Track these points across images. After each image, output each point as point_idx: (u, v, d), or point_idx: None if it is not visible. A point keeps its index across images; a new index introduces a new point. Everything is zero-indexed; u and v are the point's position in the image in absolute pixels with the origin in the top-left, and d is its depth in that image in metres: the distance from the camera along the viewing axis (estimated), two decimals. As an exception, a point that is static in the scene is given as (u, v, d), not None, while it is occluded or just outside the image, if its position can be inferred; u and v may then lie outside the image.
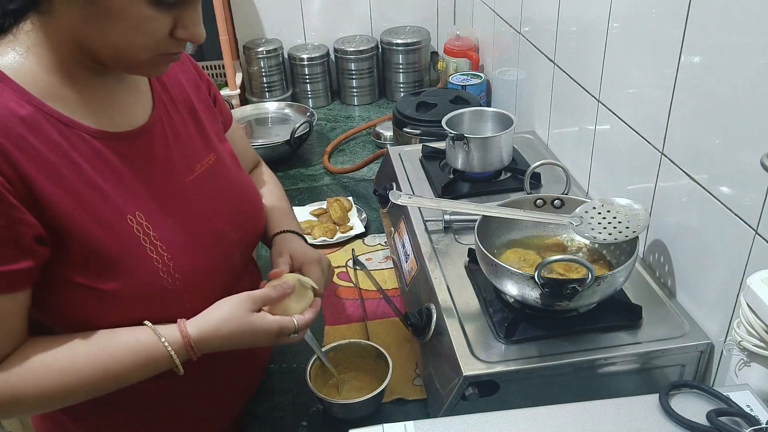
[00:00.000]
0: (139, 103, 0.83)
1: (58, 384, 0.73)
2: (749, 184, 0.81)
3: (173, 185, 0.83)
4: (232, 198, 0.91)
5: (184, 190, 0.84)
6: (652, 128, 1.03)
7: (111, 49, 0.71)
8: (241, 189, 0.94)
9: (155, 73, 0.78)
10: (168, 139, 0.84)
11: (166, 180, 0.83)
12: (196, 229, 0.84)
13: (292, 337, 0.86)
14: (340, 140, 1.92)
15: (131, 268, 0.75)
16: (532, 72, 1.57)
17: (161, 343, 0.77)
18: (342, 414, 0.99)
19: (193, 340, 0.78)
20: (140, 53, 0.72)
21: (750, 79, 0.79)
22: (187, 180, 0.85)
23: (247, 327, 0.81)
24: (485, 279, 0.98)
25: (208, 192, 0.88)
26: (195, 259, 0.82)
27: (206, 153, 0.90)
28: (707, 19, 0.87)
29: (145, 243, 0.77)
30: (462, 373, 0.88)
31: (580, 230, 0.98)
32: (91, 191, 0.73)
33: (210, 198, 0.88)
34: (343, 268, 1.36)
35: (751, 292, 0.69)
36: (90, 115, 0.75)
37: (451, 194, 1.30)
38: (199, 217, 0.85)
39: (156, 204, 0.80)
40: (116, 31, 0.69)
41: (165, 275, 0.78)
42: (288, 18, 2.19)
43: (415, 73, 2.18)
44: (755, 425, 0.64)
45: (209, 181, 0.88)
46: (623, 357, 0.91)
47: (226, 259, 0.88)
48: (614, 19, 1.12)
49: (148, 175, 0.80)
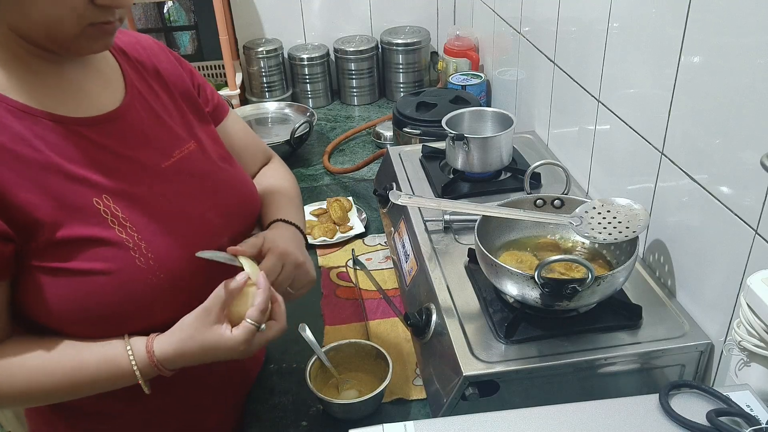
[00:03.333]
0: (108, 90, 0.83)
1: (30, 385, 0.76)
2: (749, 184, 0.81)
3: (146, 169, 0.83)
4: (214, 186, 0.90)
5: (159, 175, 0.84)
6: (652, 128, 1.03)
7: (39, 29, 0.70)
8: (225, 178, 0.92)
9: (96, 47, 0.76)
10: (143, 124, 0.84)
11: (140, 164, 0.82)
12: (170, 212, 0.83)
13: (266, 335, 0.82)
14: (340, 140, 1.92)
15: (102, 249, 0.76)
16: (532, 72, 1.57)
17: (129, 359, 0.78)
18: (342, 414, 0.99)
19: (157, 358, 0.78)
20: (66, 27, 0.70)
21: (750, 79, 0.79)
22: (162, 165, 0.84)
23: (208, 344, 0.79)
24: (485, 279, 0.98)
25: (186, 178, 0.87)
26: (170, 241, 0.81)
27: (186, 140, 0.89)
28: (707, 19, 0.87)
29: (113, 225, 0.77)
30: (462, 373, 0.88)
31: (580, 230, 0.98)
32: (55, 176, 0.74)
33: (188, 184, 0.87)
34: (343, 268, 1.36)
35: (751, 292, 0.69)
36: (52, 102, 0.76)
37: (451, 194, 1.30)
38: (175, 201, 0.84)
39: (126, 187, 0.79)
40: (36, 8, 0.68)
41: (137, 254, 0.77)
42: (288, 18, 2.19)
43: (415, 73, 2.18)
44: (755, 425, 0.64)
45: (188, 168, 0.87)
46: (623, 357, 0.91)
47: (209, 243, 0.85)
48: (614, 19, 1.12)
49: (118, 160, 0.80)
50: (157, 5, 2.20)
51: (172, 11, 2.23)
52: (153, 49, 0.94)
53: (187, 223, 0.84)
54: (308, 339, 1.02)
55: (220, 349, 0.79)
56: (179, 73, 0.95)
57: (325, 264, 1.38)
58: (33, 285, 0.75)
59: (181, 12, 2.23)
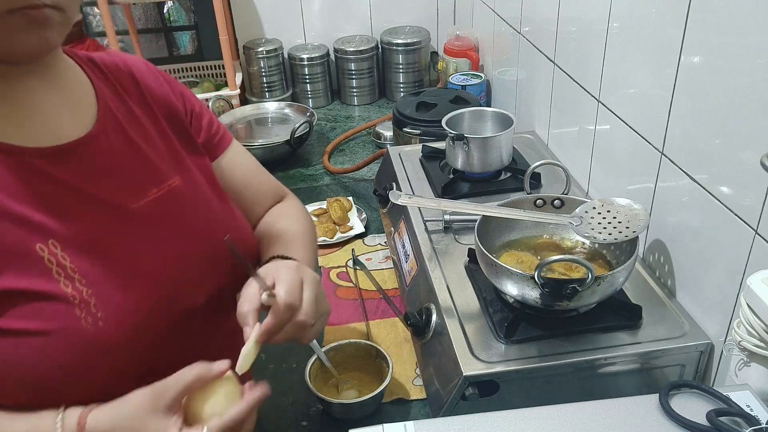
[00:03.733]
0: (75, 114, 0.72)
1: None
2: (749, 184, 0.81)
3: (110, 210, 0.71)
4: (196, 231, 0.77)
5: (126, 217, 0.72)
6: (652, 128, 1.03)
7: None
8: (212, 221, 0.79)
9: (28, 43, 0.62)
10: (114, 156, 0.73)
11: (103, 204, 0.70)
12: (133, 263, 0.71)
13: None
14: (340, 140, 1.92)
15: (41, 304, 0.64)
16: (532, 72, 1.57)
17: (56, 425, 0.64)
18: (342, 414, 0.99)
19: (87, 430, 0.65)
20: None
21: (750, 79, 0.79)
22: (132, 206, 0.72)
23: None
24: (485, 279, 0.98)
25: (160, 221, 0.74)
26: (127, 298, 0.68)
27: (167, 176, 0.77)
28: (707, 19, 0.87)
29: (58, 276, 0.65)
30: (462, 373, 0.88)
31: (580, 230, 0.98)
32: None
33: (163, 228, 0.74)
34: (343, 268, 1.36)
35: (751, 292, 0.69)
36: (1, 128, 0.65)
37: (451, 194, 1.30)
38: (141, 249, 0.72)
39: (80, 231, 0.68)
40: None
41: (83, 313, 0.65)
42: (288, 18, 2.19)
43: (415, 73, 2.18)
44: (755, 425, 0.64)
45: (165, 209, 0.75)
46: (623, 357, 0.91)
47: (178, 298, 0.73)
48: (614, 19, 1.12)
49: (77, 198, 0.68)
50: (157, 5, 2.20)
51: (172, 11, 2.23)
52: (140, 69, 0.83)
53: (153, 276, 0.72)
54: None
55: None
56: (168, 97, 0.84)
57: (325, 264, 1.38)
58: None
59: (181, 12, 2.23)
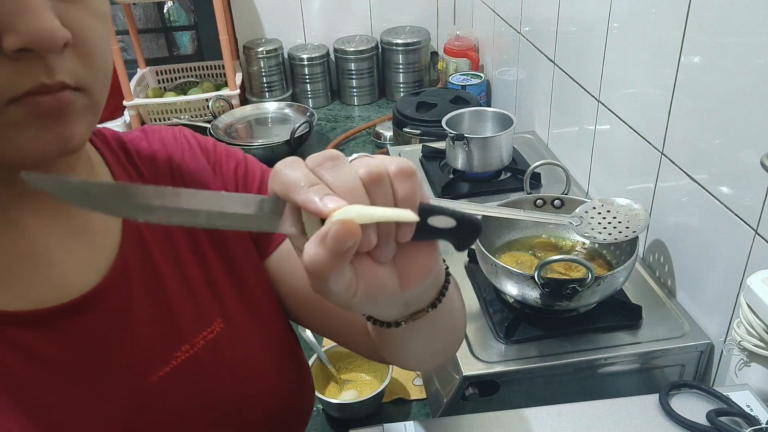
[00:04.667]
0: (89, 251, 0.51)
1: None
2: (749, 184, 0.81)
3: (123, 390, 0.51)
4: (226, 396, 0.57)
5: (141, 395, 0.52)
6: (652, 128, 1.03)
7: None
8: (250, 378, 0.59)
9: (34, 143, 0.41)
10: (133, 309, 0.52)
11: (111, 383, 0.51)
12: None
13: None
14: (340, 140, 1.92)
15: None
16: (532, 72, 1.57)
17: None
18: (342, 414, 0.99)
19: None
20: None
21: (750, 79, 0.79)
22: (151, 379, 0.53)
23: None
24: (485, 279, 0.98)
25: (182, 393, 0.55)
26: None
27: (207, 322, 0.57)
28: (707, 19, 0.87)
29: None
30: (462, 373, 0.88)
31: (580, 230, 0.98)
32: None
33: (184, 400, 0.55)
34: (343, 268, 1.36)
35: (751, 292, 0.69)
36: None
37: (451, 194, 1.30)
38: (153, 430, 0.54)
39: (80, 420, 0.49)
40: None
41: None
42: (288, 18, 2.19)
43: (415, 73, 2.18)
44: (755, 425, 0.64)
45: (193, 372, 0.55)
46: (623, 357, 0.91)
47: None
48: (614, 19, 1.12)
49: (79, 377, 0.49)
50: (157, 5, 2.20)
51: (172, 11, 2.23)
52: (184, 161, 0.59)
53: None
54: (308, 339, 1.02)
55: None
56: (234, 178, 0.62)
57: (325, 264, 1.38)
58: None
59: (181, 12, 2.23)
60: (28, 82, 0.39)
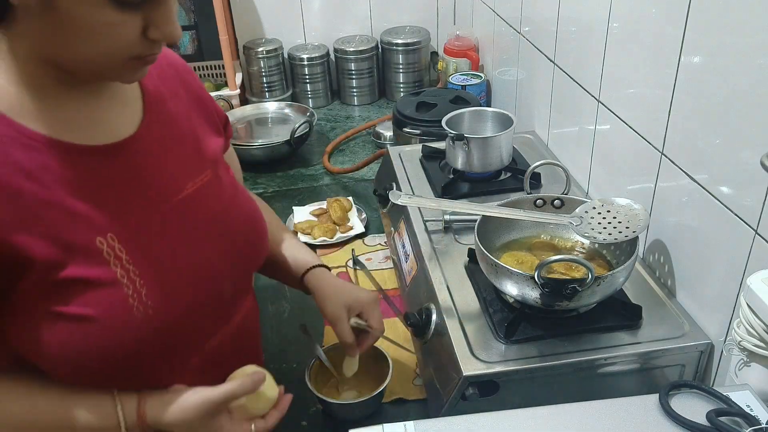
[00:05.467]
0: (123, 116, 0.76)
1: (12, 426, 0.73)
2: (749, 184, 0.81)
3: (158, 205, 0.76)
4: (226, 222, 0.84)
5: (171, 209, 0.77)
6: (652, 128, 1.03)
7: (81, 60, 0.66)
8: (238, 210, 0.87)
9: (132, 78, 0.72)
10: (157, 153, 0.78)
11: (151, 197, 0.76)
12: (177, 254, 0.77)
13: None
14: (340, 140, 1.92)
15: (99, 292, 0.69)
16: (532, 72, 1.57)
17: (119, 419, 0.74)
18: (342, 414, 0.99)
19: (148, 425, 0.75)
20: (112, 60, 0.66)
21: (750, 79, 0.79)
22: (175, 199, 0.78)
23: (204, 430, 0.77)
24: (485, 279, 0.98)
25: (198, 213, 0.80)
26: (171, 289, 0.75)
27: (201, 170, 0.82)
28: (707, 19, 0.87)
29: (115, 267, 0.70)
30: (462, 373, 0.88)
31: (580, 230, 0.98)
32: (57, 213, 0.67)
33: (199, 220, 0.80)
34: (343, 268, 1.36)
35: (751, 292, 0.69)
36: (64, 130, 0.69)
37: (451, 194, 1.30)
38: (183, 240, 0.78)
39: (135, 223, 0.73)
40: (83, 40, 0.63)
41: (135, 302, 0.71)
42: (288, 18, 2.19)
43: (415, 73, 2.18)
44: (755, 425, 0.64)
45: (201, 201, 0.81)
46: (623, 357, 0.91)
47: (211, 289, 0.80)
48: (614, 19, 1.12)
49: (129, 193, 0.74)
50: (157, 5, 2.19)
51: (172, 11, 2.23)
52: (177, 66, 0.87)
53: (192, 269, 0.78)
54: (308, 339, 1.02)
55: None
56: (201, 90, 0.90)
57: (325, 264, 1.38)
58: (22, 325, 0.70)
59: (181, 12, 2.23)
60: (149, 51, 0.68)
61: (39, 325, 0.69)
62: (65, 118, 0.70)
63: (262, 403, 0.81)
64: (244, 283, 0.89)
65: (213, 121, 0.90)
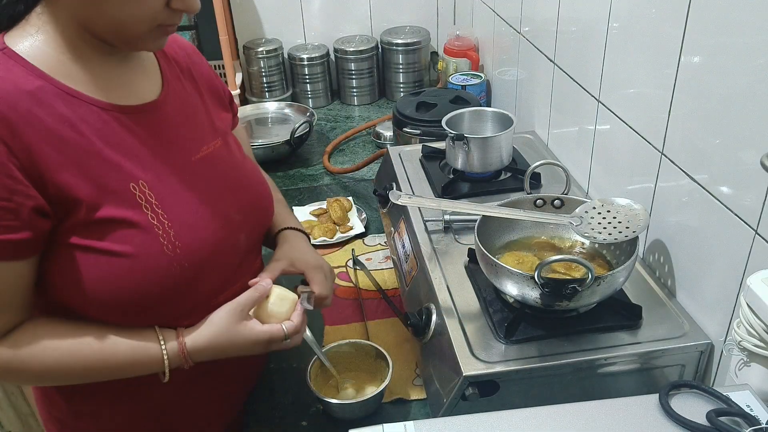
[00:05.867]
0: (148, 83, 0.87)
1: (60, 365, 0.79)
2: (749, 184, 0.81)
3: (179, 160, 0.86)
4: (236, 184, 0.94)
5: (190, 167, 0.87)
6: (652, 128, 1.03)
7: (111, 25, 0.75)
8: (246, 177, 0.97)
9: (154, 46, 0.81)
10: (176, 117, 0.88)
11: (173, 155, 0.85)
12: (198, 203, 0.86)
13: (285, 343, 0.90)
14: (340, 140, 1.92)
15: (133, 231, 0.79)
16: (532, 72, 1.57)
17: (161, 347, 0.83)
18: (342, 414, 0.99)
19: (187, 349, 0.84)
20: (138, 26, 0.76)
21: (750, 79, 0.79)
22: (193, 158, 0.88)
23: (238, 338, 0.86)
24: (485, 279, 0.98)
25: (212, 173, 0.90)
26: (196, 232, 0.84)
27: (212, 138, 0.93)
28: (707, 19, 0.87)
29: (146, 210, 0.80)
30: (462, 373, 0.88)
31: (580, 230, 0.98)
32: (96, 159, 0.77)
33: (214, 179, 0.90)
34: (343, 268, 1.36)
35: (751, 292, 0.69)
36: (98, 90, 0.79)
37: (451, 194, 1.30)
38: (202, 193, 0.87)
39: (161, 175, 0.83)
40: (117, 8, 0.73)
41: (165, 241, 0.80)
42: (288, 18, 2.19)
43: (415, 73, 2.18)
44: (755, 425, 0.64)
45: (214, 164, 0.91)
46: (623, 357, 0.91)
47: (228, 237, 0.90)
48: (614, 19, 1.12)
49: (155, 148, 0.83)
50: (157, 5, 2.19)
51: (172, 11, 2.23)
52: (187, 49, 0.99)
53: (211, 215, 0.87)
54: (308, 339, 1.02)
55: (248, 342, 0.87)
56: (210, 73, 1.01)
57: (325, 264, 1.38)
58: (64, 263, 0.77)
59: (181, 12, 2.23)
60: (170, 20, 0.78)
61: (79, 263, 0.77)
62: (100, 81, 0.80)
63: (286, 304, 0.90)
64: (255, 240, 0.98)
65: (220, 96, 1.01)
